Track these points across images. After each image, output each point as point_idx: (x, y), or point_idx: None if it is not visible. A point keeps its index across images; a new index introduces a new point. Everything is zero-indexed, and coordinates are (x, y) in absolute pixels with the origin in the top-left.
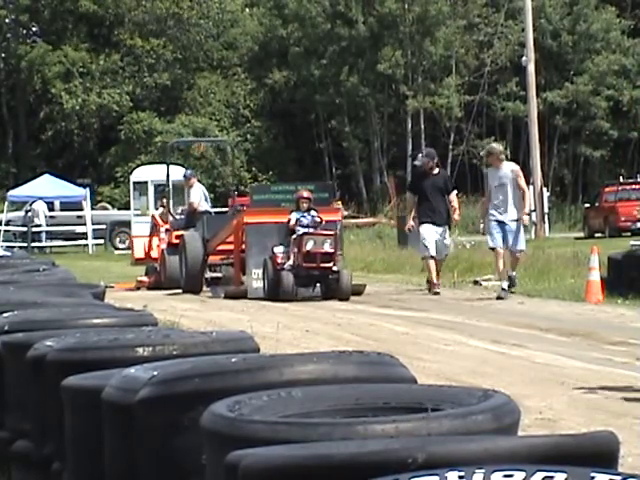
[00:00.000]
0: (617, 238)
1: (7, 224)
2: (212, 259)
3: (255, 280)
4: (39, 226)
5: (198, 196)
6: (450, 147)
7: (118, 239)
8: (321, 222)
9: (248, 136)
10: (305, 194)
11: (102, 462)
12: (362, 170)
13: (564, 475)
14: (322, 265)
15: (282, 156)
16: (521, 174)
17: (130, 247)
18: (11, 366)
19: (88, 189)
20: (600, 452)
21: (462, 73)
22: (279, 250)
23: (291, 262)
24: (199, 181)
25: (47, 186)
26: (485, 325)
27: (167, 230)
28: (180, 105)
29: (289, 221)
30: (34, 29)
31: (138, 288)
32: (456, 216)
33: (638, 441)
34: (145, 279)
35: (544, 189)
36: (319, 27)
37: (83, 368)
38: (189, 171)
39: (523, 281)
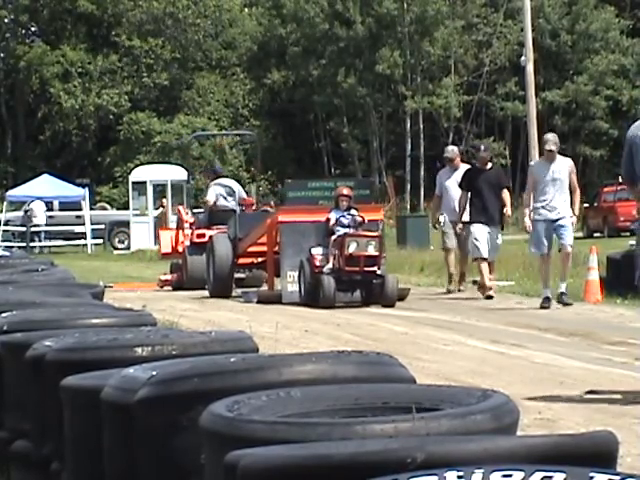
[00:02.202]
0: (616, 238)
1: (6, 224)
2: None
3: (290, 283)
4: (38, 226)
5: (213, 194)
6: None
7: (117, 239)
8: (363, 222)
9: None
10: (345, 191)
11: (101, 462)
12: (361, 170)
13: (563, 475)
14: (366, 269)
15: (281, 156)
16: (575, 170)
17: (129, 246)
18: (10, 366)
19: (87, 189)
20: (599, 452)
21: (461, 73)
22: (317, 252)
23: (330, 265)
24: (226, 176)
25: (46, 186)
26: (484, 325)
27: (191, 225)
28: (179, 105)
29: (328, 220)
30: (33, 29)
31: (162, 287)
32: (508, 211)
33: (637, 441)
34: (168, 277)
35: None
36: (317, 27)
37: (82, 368)
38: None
39: (522, 281)
